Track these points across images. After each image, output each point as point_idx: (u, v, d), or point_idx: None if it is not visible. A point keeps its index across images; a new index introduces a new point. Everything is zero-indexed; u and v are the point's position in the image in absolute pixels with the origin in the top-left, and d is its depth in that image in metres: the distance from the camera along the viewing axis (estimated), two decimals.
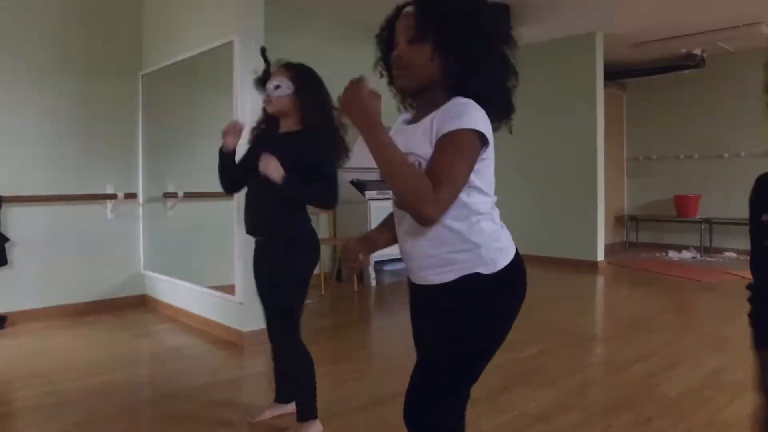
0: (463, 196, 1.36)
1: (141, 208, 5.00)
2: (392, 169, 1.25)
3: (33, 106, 4.46)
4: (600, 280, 6.35)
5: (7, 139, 4.36)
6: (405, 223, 1.44)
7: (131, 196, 4.89)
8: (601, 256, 6.85)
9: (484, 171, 1.39)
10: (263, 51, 2.59)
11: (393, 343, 3.97)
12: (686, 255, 7.71)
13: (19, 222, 4.39)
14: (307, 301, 2.47)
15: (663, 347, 3.67)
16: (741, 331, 2.17)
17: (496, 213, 1.45)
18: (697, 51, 7.43)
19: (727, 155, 7.80)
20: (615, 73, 7.98)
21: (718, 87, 7.80)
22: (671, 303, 5.19)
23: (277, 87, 2.36)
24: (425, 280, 1.44)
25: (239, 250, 3.73)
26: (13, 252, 4.35)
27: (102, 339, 4.01)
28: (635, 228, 8.72)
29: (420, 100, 1.45)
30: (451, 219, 1.37)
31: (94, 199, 4.75)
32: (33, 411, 2.73)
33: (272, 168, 2.21)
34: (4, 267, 4.26)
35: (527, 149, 7.16)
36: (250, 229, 2.45)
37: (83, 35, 4.68)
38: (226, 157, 2.45)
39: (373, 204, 5.81)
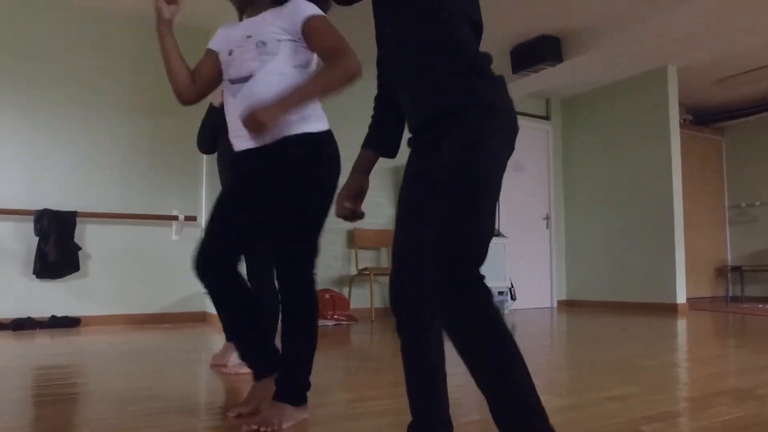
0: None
1: (200, 231, 5.49)
2: (315, 93, 1.67)
3: (109, 137, 5.20)
4: (675, 323, 5.77)
5: (86, 162, 5.10)
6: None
7: (191, 218, 5.42)
8: (682, 298, 6.24)
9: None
10: None
11: None
12: None
13: (94, 236, 5.05)
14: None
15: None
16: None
17: None
18: None
19: None
20: (708, 118, 7.58)
21: None
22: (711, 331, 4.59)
23: None
24: None
25: None
26: (87, 263, 4.98)
27: (139, 346, 4.37)
28: (740, 281, 7.84)
29: (251, 10, 1.86)
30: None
31: (161, 220, 5.31)
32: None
33: None
34: (77, 273, 4.89)
35: (600, 193, 6.94)
36: None
37: (153, 80, 5.44)
38: None
39: None
